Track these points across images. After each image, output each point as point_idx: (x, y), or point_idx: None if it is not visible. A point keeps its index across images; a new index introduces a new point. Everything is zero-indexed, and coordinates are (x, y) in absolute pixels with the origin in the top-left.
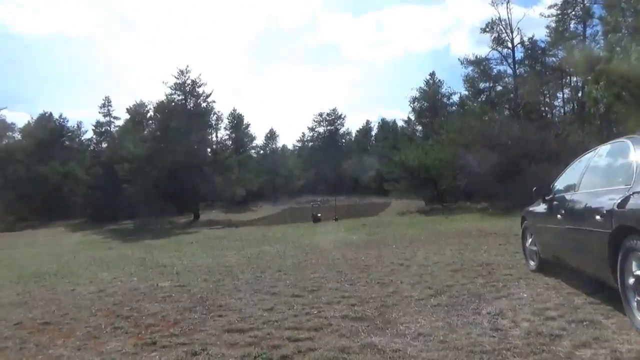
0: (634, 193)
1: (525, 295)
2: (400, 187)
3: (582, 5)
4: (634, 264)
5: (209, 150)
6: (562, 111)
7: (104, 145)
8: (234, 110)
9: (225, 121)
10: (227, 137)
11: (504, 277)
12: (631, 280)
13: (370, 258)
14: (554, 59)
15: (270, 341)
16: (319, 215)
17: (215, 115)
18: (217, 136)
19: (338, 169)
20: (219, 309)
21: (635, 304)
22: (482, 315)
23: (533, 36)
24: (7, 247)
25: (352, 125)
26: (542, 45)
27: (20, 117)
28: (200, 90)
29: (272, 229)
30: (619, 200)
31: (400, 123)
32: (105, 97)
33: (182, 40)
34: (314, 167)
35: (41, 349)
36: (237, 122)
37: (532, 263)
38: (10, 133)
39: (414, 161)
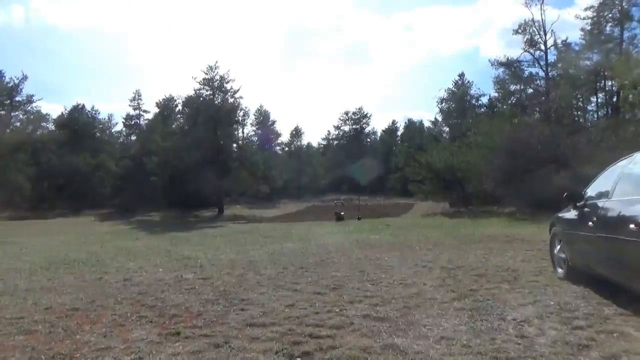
0: None
1: (552, 303)
2: (426, 188)
3: (619, 7)
4: None
5: (234, 145)
6: (596, 116)
7: (133, 138)
8: (261, 106)
9: (252, 117)
10: (253, 133)
11: (530, 283)
12: None
13: (393, 259)
14: (588, 62)
15: (292, 337)
16: (342, 213)
17: (242, 111)
18: (243, 132)
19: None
20: (242, 302)
21: None
22: (507, 321)
23: (567, 38)
24: (39, 235)
25: (377, 124)
26: (576, 48)
27: (53, 109)
28: (228, 86)
29: (295, 226)
30: None
31: (427, 124)
32: (136, 91)
33: (212, 37)
34: (339, 165)
35: (69, 333)
36: (263, 119)
37: (560, 270)
38: (45, 124)
39: (440, 162)
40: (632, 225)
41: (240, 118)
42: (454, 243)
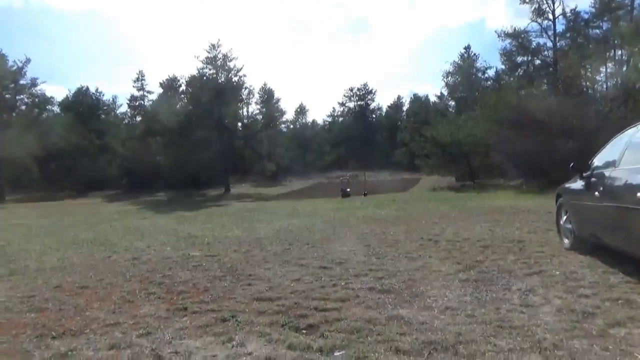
0: None
1: (557, 272)
2: (431, 163)
3: None
4: None
5: (239, 124)
6: (605, 86)
7: (138, 119)
8: (265, 84)
9: (256, 95)
10: (257, 111)
11: (536, 254)
12: None
13: (399, 233)
14: (597, 31)
15: (298, 310)
16: (348, 190)
17: (247, 89)
18: (247, 110)
19: (368, 144)
20: (248, 278)
21: None
22: (512, 291)
23: (576, 7)
24: (49, 216)
25: (383, 100)
26: (586, 16)
27: (57, 91)
28: (231, 64)
29: (301, 203)
30: None
31: (432, 98)
32: (139, 72)
33: (214, 15)
34: (344, 142)
35: (79, 310)
36: (267, 97)
37: (566, 241)
38: (50, 107)
39: (446, 137)
40: (639, 194)
41: (244, 96)
42: (461, 216)
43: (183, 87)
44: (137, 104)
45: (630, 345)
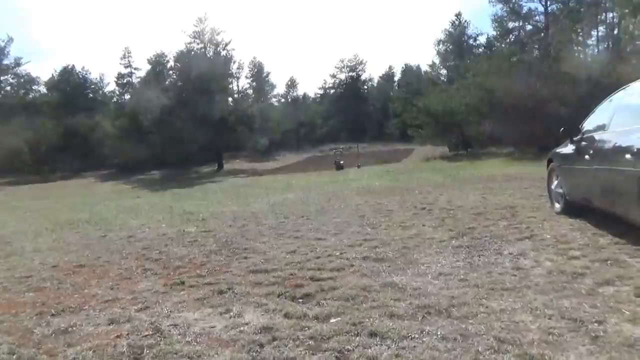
0: None
1: (548, 236)
2: (424, 133)
3: None
4: None
5: (230, 99)
6: (596, 50)
7: (127, 96)
8: (254, 58)
9: (246, 69)
10: (247, 85)
11: (527, 219)
12: None
13: (393, 203)
14: None
15: (293, 281)
16: (342, 162)
17: (236, 63)
18: (238, 85)
19: (361, 116)
20: (244, 251)
21: None
22: (503, 255)
23: None
24: (42, 197)
25: (374, 71)
26: None
27: (41, 70)
28: (219, 38)
29: (295, 177)
30: None
31: (424, 68)
32: (125, 48)
33: None
34: (336, 114)
35: (77, 288)
36: (257, 71)
37: (557, 205)
38: (36, 87)
39: (438, 106)
40: (627, 155)
41: (233, 71)
42: (454, 185)
43: (171, 63)
44: (125, 81)
45: (618, 302)
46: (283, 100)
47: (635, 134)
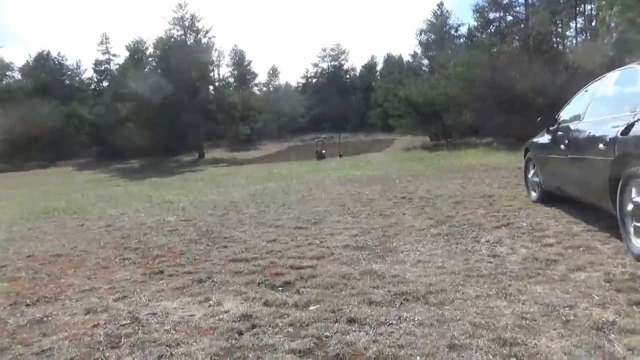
0: (639, 120)
1: (524, 224)
2: (405, 123)
3: None
4: (633, 190)
5: (211, 87)
6: (575, 42)
7: (105, 84)
8: (235, 46)
9: (227, 57)
10: (229, 74)
11: (504, 207)
12: (630, 207)
13: (374, 192)
14: None
15: (273, 269)
16: (323, 152)
17: (217, 51)
18: (219, 73)
19: (343, 106)
20: (224, 240)
21: (632, 229)
22: (480, 243)
23: None
24: (17, 187)
25: (356, 61)
26: None
27: (15, 56)
28: (200, 24)
29: (276, 166)
30: (623, 127)
31: (406, 58)
32: (103, 34)
33: None
34: (319, 104)
35: (53, 278)
36: (238, 59)
37: (533, 194)
38: (10, 73)
39: (420, 96)
40: (601, 145)
41: (214, 58)
42: (434, 174)
43: (150, 50)
44: (103, 68)
45: (589, 287)
46: (265, 89)
47: (608, 124)
